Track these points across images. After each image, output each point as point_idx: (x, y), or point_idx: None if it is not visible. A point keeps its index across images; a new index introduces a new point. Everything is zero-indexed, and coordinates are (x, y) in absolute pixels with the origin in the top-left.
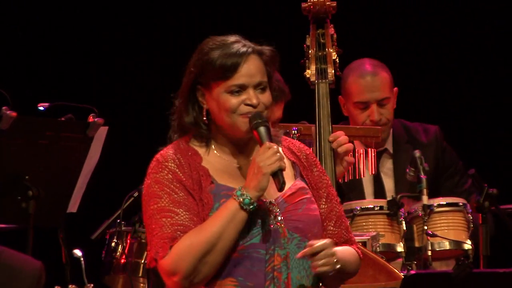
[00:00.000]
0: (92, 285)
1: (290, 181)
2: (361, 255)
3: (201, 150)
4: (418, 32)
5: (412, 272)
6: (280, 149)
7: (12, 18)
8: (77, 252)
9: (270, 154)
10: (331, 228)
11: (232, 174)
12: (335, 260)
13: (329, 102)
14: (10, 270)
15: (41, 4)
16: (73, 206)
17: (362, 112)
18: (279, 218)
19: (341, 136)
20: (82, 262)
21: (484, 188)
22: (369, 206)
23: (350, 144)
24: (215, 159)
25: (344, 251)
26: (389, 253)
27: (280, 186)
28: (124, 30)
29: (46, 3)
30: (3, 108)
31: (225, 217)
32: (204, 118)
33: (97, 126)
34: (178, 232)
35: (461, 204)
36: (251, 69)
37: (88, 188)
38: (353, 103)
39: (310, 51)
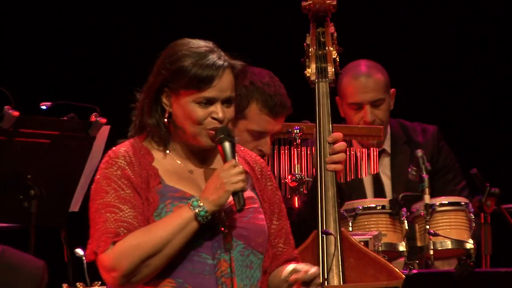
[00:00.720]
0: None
1: None
2: None
3: (154, 150)
4: (418, 31)
5: (414, 271)
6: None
7: (14, 17)
8: (79, 251)
9: (235, 173)
10: (281, 245)
11: (182, 177)
12: None
13: (329, 101)
14: (13, 269)
15: (43, 3)
16: (75, 205)
17: (356, 113)
18: (225, 223)
19: (339, 142)
20: (84, 261)
21: (486, 187)
22: (371, 206)
23: (343, 155)
24: (167, 161)
25: None
26: (391, 252)
27: (240, 207)
28: (127, 29)
29: (47, 2)
30: (5, 107)
31: (177, 225)
32: (165, 120)
33: (99, 125)
34: (122, 229)
35: (463, 203)
36: (224, 84)
37: (90, 188)
38: (347, 104)
39: (310, 50)
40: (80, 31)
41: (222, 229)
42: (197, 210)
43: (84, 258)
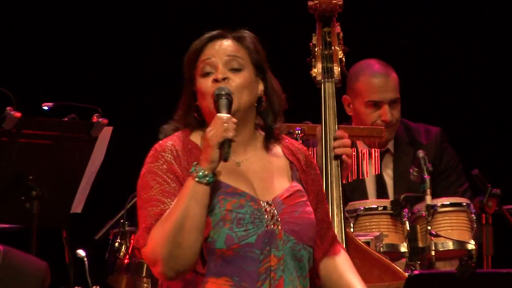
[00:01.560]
0: (98, 286)
1: (287, 183)
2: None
3: (202, 144)
4: (423, 31)
5: (416, 272)
6: (280, 149)
7: (15, 18)
8: (81, 252)
9: (217, 125)
10: (325, 228)
11: (230, 171)
12: None
13: (335, 101)
14: (15, 270)
15: (44, 4)
16: (77, 206)
17: (373, 111)
18: (277, 219)
19: (345, 139)
20: (86, 262)
21: (487, 188)
22: (372, 206)
23: (349, 149)
24: None
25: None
26: (393, 253)
27: (224, 157)
28: (129, 29)
29: (49, 2)
30: (7, 108)
31: (186, 195)
32: (196, 115)
33: (101, 126)
34: (157, 221)
35: (464, 204)
36: (220, 48)
37: (92, 189)
38: (364, 102)
39: (316, 50)
40: (81, 31)
41: (274, 225)
42: (194, 174)
43: (85, 259)
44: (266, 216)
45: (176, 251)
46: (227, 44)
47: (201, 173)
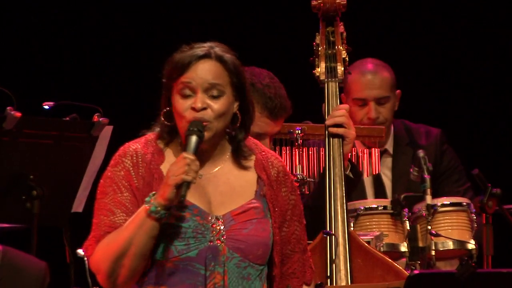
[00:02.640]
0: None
1: (247, 198)
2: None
3: (167, 151)
4: (426, 31)
5: (416, 272)
6: (251, 163)
7: (15, 18)
8: (81, 252)
9: (180, 166)
10: (289, 251)
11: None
12: None
13: (338, 101)
14: (15, 270)
15: (45, 3)
16: (78, 206)
17: (360, 109)
18: (222, 235)
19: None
20: (86, 262)
21: (488, 188)
22: (372, 206)
23: (344, 117)
24: None
25: None
26: (393, 253)
27: (179, 200)
28: (129, 29)
29: (49, 2)
30: (8, 108)
31: (136, 223)
32: (162, 119)
33: (102, 125)
34: (107, 233)
35: (464, 204)
36: (202, 72)
37: (93, 188)
38: (352, 100)
39: (319, 49)
40: (82, 31)
41: (218, 241)
42: (148, 207)
43: (85, 259)
44: (211, 232)
45: (118, 270)
46: (209, 68)
47: (153, 208)
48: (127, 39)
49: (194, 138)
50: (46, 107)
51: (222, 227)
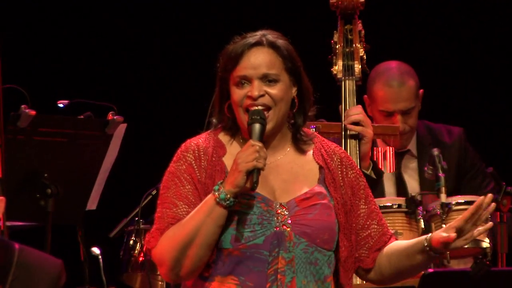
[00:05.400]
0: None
1: (310, 185)
2: None
3: (229, 144)
4: (445, 30)
5: (430, 270)
6: (311, 152)
7: (30, 16)
8: (96, 250)
9: (249, 152)
10: (375, 226)
11: None
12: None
13: (355, 99)
14: (30, 268)
15: (59, 2)
16: (92, 203)
17: (386, 119)
18: (287, 221)
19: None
20: (100, 260)
21: (502, 186)
22: (387, 204)
23: (360, 115)
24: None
25: None
26: None
27: (252, 186)
28: (144, 27)
29: (64, 1)
30: (22, 106)
31: (203, 212)
32: (228, 115)
33: (116, 123)
34: (171, 225)
35: None
36: (255, 60)
37: (106, 186)
38: (378, 110)
39: (337, 47)
40: (96, 29)
41: (284, 227)
42: (217, 194)
43: (100, 257)
44: (276, 218)
45: (182, 261)
46: (262, 56)
47: (223, 195)
48: (142, 37)
49: (258, 126)
50: (61, 105)
51: (286, 213)
